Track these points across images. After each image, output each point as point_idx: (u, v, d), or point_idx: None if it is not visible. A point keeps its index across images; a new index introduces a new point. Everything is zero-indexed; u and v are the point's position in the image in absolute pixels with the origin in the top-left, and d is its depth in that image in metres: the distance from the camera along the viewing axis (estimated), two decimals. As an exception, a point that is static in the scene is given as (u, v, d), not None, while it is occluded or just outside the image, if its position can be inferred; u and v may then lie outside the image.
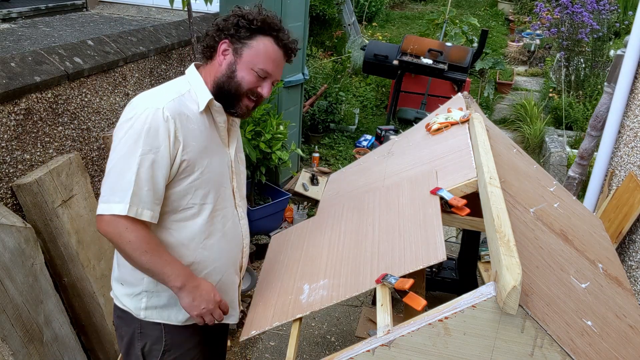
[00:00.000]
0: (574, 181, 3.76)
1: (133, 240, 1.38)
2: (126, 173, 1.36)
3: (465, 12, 10.99)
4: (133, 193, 1.36)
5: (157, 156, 1.37)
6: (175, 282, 1.44)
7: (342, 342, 2.97)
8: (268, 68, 1.47)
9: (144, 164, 1.36)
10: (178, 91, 1.46)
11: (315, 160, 4.94)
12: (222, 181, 1.55)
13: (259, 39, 1.45)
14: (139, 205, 1.37)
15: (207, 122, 1.49)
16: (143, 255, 1.39)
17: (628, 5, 7.29)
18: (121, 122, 1.41)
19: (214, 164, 1.51)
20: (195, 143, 1.44)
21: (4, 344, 1.89)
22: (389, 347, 1.22)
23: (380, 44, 5.99)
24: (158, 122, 1.37)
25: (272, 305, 1.66)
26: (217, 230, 1.55)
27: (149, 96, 1.44)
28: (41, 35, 3.12)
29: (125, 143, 1.37)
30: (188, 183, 1.46)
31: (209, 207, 1.52)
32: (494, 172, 1.63)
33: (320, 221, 2.01)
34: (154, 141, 1.37)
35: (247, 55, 1.45)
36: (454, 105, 2.52)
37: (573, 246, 1.76)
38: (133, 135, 1.36)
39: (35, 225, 2.18)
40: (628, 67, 3.12)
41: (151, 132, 1.36)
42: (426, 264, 1.41)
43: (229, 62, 1.46)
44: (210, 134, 1.50)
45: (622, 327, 1.48)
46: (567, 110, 5.78)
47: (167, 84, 1.52)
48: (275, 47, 1.47)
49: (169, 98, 1.42)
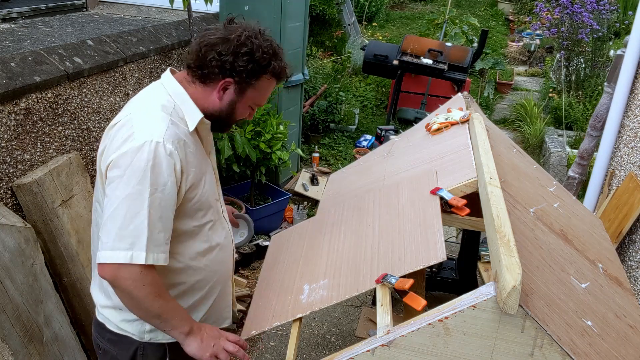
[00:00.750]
0: (574, 181, 3.76)
1: (148, 284, 1.30)
2: (135, 217, 1.26)
3: (465, 12, 10.99)
4: (148, 239, 1.27)
5: (164, 194, 1.30)
6: (183, 328, 1.39)
7: (342, 342, 2.97)
8: (263, 103, 1.48)
9: (154, 204, 1.28)
10: (166, 111, 1.37)
11: (315, 160, 4.94)
12: (214, 193, 1.53)
13: (263, 79, 1.42)
14: (155, 250, 1.30)
15: (195, 140, 1.43)
16: (156, 301, 1.32)
17: (628, 5, 7.28)
18: (116, 157, 1.29)
19: (207, 180, 1.47)
20: (194, 168, 1.39)
21: (3, 343, 1.89)
22: (389, 347, 1.22)
23: (380, 44, 6.00)
24: (161, 158, 1.28)
25: (272, 305, 1.65)
26: (217, 244, 1.53)
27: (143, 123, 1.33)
28: (41, 35, 3.12)
29: (127, 183, 1.27)
30: (190, 207, 1.41)
31: (209, 224, 1.49)
32: (494, 172, 1.63)
33: (320, 221, 2.01)
34: (160, 178, 1.28)
35: (250, 95, 1.43)
36: (454, 105, 2.52)
37: (573, 246, 1.76)
38: (136, 173, 1.26)
39: (35, 225, 2.18)
40: (628, 67, 3.12)
41: (156, 169, 1.27)
42: (426, 264, 1.41)
43: (231, 100, 1.42)
44: (198, 151, 1.44)
45: (622, 327, 1.48)
46: (567, 110, 5.78)
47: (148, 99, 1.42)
48: (273, 81, 1.45)
49: (164, 125, 1.33)
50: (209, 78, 1.39)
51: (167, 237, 1.34)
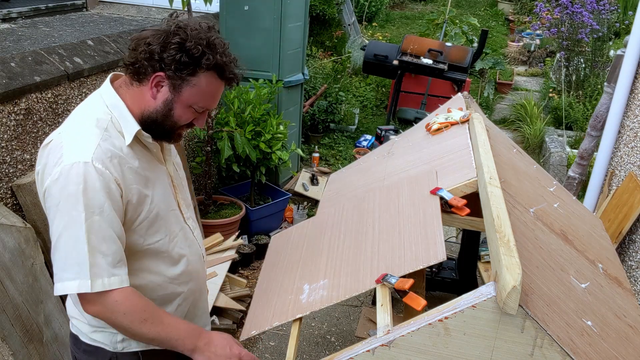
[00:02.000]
0: (574, 181, 3.76)
1: (128, 311, 1.25)
2: (76, 245, 1.21)
3: (465, 12, 10.99)
4: (91, 265, 1.21)
5: (102, 217, 1.22)
6: (186, 346, 1.33)
7: (342, 342, 2.97)
8: (208, 105, 1.33)
9: (92, 229, 1.21)
10: (100, 126, 1.27)
11: (315, 160, 4.94)
12: (168, 204, 1.41)
13: (201, 76, 1.27)
14: (102, 275, 1.23)
15: (139, 152, 1.33)
16: (143, 325, 1.27)
17: (628, 5, 7.29)
18: (49, 184, 1.22)
19: (157, 192, 1.36)
20: (135, 185, 1.29)
21: (3, 344, 1.89)
22: (389, 347, 1.22)
23: (380, 44, 6.00)
24: (92, 179, 1.20)
25: (272, 305, 1.65)
26: (180, 256, 1.45)
27: (69, 144, 1.24)
28: (41, 35, 3.12)
29: (62, 211, 1.21)
30: (137, 225, 1.32)
31: (165, 240, 1.39)
32: (494, 172, 1.63)
33: (320, 221, 2.01)
34: (95, 201, 1.21)
35: (187, 93, 1.28)
36: (453, 105, 2.52)
37: (573, 246, 1.76)
38: (69, 199, 1.20)
39: (35, 225, 2.18)
40: (628, 67, 3.12)
41: (88, 192, 1.20)
42: (426, 264, 1.41)
43: (166, 99, 1.29)
44: (145, 163, 1.34)
45: (622, 327, 1.48)
46: (567, 110, 5.78)
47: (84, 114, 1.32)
48: (218, 81, 1.30)
49: (94, 143, 1.23)
50: (141, 73, 1.28)
51: (116, 260, 1.25)
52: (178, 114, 1.31)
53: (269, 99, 3.72)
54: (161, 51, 1.25)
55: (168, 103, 1.29)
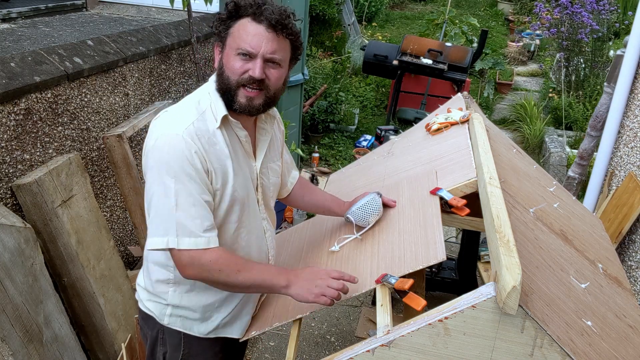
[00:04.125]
0: (574, 181, 3.76)
1: (222, 267, 1.36)
2: (166, 206, 1.33)
3: (465, 12, 10.99)
4: (180, 225, 1.33)
5: (190, 183, 1.33)
6: (280, 283, 1.40)
7: (342, 342, 2.97)
8: (248, 45, 1.34)
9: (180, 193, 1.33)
10: (199, 109, 1.41)
11: (315, 160, 4.94)
12: (248, 196, 1.50)
13: (235, 25, 1.37)
14: (190, 235, 1.34)
15: (229, 138, 1.43)
16: (239, 275, 1.37)
17: (628, 5, 7.29)
18: (147, 150, 1.37)
19: (239, 180, 1.45)
20: (219, 165, 1.39)
21: (3, 344, 1.89)
22: (389, 347, 1.22)
23: (380, 44, 6.00)
24: (180, 148, 1.32)
25: (272, 306, 1.66)
26: (242, 248, 1.52)
27: (169, 119, 1.39)
28: (41, 35, 3.12)
29: (155, 175, 1.34)
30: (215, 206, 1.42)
31: (234, 226, 1.48)
32: (493, 172, 1.63)
33: (320, 221, 2.01)
34: (183, 168, 1.32)
35: (228, 43, 1.38)
36: (453, 105, 2.52)
37: (573, 246, 1.76)
38: (161, 165, 1.33)
39: (35, 225, 2.18)
40: (628, 67, 3.12)
41: (178, 160, 1.32)
42: (426, 264, 1.41)
43: (219, 59, 1.41)
44: (232, 150, 1.43)
45: (622, 327, 1.48)
46: (567, 111, 5.78)
47: (190, 99, 1.46)
48: (254, 24, 1.34)
49: (189, 121, 1.36)
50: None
51: (204, 223, 1.35)
52: (227, 66, 1.38)
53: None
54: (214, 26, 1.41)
55: (220, 62, 1.41)
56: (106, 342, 2.43)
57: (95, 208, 2.48)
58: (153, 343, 1.61)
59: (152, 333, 1.59)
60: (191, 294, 1.52)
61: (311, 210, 1.90)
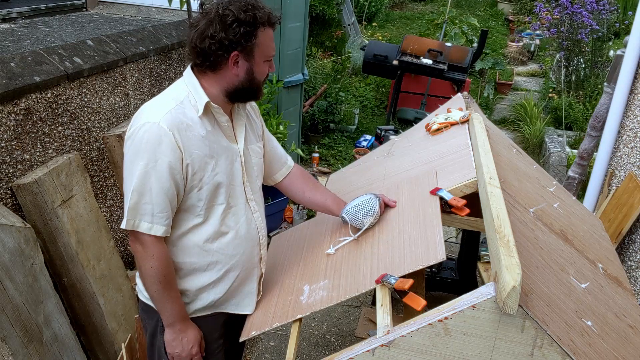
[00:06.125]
0: (574, 181, 3.76)
1: (154, 265, 1.46)
2: (129, 189, 1.43)
3: (465, 12, 10.99)
4: (132, 207, 1.43)
5: (155, 170, 1.41)
6: (167, 319, 1.54)
7: (342, 342, 2.97)
8: (272, 51, 1.53)
9: (143, 178, 1.41)
10: (177, 99, 1.48)
11: (315, 161, 4.94)
12: (232, 179, 1.57)
13: (259, 34, 1.47)
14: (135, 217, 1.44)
15: (210, 125, 1.51)
16: (155, 285, 1.48)
17: (628, 5, 7.29)
18: (126, 138, 1.46)
19: (221, 165, 1.52)
20: (198, 151, 1.46)
21: (3, 344, 1.89)
22: (389, 347, 1.22)
23: (380, 44, 6.00)
24: (155, 135, 1.40)
25: (272, 306, 1.66)
26: (230, 229, 1.58)
27: (148, 109, 1.47)
28: (41, 35, 3.11)
29: (128, 161, 1.44)
30: (197, 190, 1.49)
31: (220, 208, 1.54)
32: (493, 172, 1.63)
33: (320, 222, 2.01)
34: (153, 155, 1.41)
35: (258, 53, 1.48)
36: (453, 105, 2.52)
37: (573, 246, 1.76)
38: (134, 152, 1.42)
39: (35, 225, 2.18)
40: (628, 67, 3.12)
41: (149, 146, 1.40)
42: (426, 264, 1.41)
43: (246, 69, 1.49)
44: (214, 136, 1.51)
45: (622, 327, 1.48)
46: (567, 111, 5.78)
47: (168, 91, 1.54)
48: (270, 30, 1.50)
49: (167, 109, 1.44)
50: (218, 63, 1.47)
51: (157, 210, 1.44)
52: (258, 72, 1.51)
53: (268, 99, 3.72)
54: (226, 35, 1.42)
55: (249, 70, 1.49)
56: (106, 342, 2.43)
57: (95, 208, 2.48)
58: (153, 332, 1.65)
59: (152, 322, 1.64)
60: (186, 279, 1.59)
61: (311, 207, 1.93)
